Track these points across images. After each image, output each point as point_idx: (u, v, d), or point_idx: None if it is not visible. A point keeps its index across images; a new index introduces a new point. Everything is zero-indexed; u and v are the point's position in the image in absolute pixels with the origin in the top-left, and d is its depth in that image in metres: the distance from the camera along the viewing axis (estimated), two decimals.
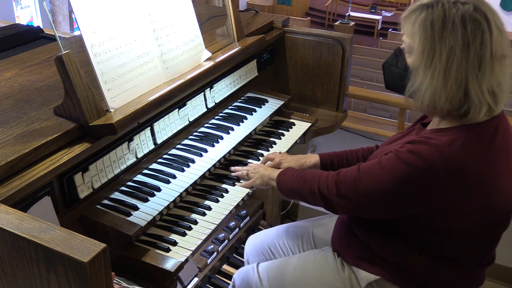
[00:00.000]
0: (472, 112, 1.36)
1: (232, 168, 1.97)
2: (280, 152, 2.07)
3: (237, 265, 2.59)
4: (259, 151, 2.15)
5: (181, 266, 1.54)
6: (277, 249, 2.04)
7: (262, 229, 2.84)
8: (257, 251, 2.09)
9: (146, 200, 1.71)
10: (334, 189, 1.56)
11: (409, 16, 1.41)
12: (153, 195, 1.74)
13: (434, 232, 1.48)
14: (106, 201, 1.70)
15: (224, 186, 1.91)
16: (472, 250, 1.53)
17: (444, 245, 1.50)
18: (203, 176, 1.88)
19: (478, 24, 1.32)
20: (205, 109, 2.14)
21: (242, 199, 1.87)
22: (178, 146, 2.02)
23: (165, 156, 1.95)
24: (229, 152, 2.04)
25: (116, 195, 1.73)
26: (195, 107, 2.07)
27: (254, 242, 2.12)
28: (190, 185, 1.82)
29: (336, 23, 14.02)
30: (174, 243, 1.63)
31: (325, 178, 1.60)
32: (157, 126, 1.87)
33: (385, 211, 1.51)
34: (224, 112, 2.29)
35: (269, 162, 1.99)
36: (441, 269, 1.54)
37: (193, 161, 1.92)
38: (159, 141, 1.88)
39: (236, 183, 1.92)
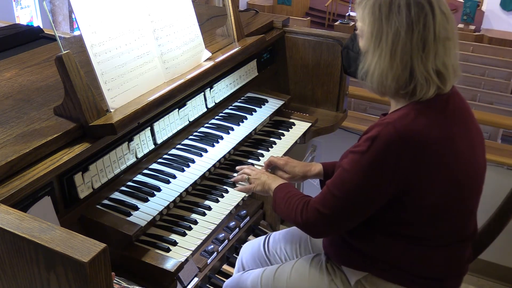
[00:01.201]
0: (418, 90, 1.42)
1: (237, 167, 1.96)
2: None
3: None
4: (259, 151, 2.15)
5: (181, 266, 1.54)
6: (275, 256, 2.01)
7: (262, 229, 2.85)
8: (254, 259, 2.05)
9: (146, 200, 1.71)
10: (317, 218, 1.54)
11: (361, 2, 1.48)
12: (153, 195, 1.74)
13: (407, 211, 1.47)
14: (106, 201, 1.70)
15: (224, 186, 1.91)
16: (449, 225, 1.52)
17: (420, 224, 1.49)
18: (203, 176, 1.88)
19: (422, 8, 1.38)
20: (205, 109, 2.14)
21: (242, 199, 1.87)
22: (178, 146, 2.02)
23: (165, 156, 1.95)
24: (229, 152, 2.04)
25: (116, 195, 1.73)
26: (195, 107, 2.07)
27: (251, 249, 2.08)
28: (190, 185, 1.82)
29: (336, 23, 14.01)
30: (174, 243, 1.63)
31: (305, 212, 1.57)
32: (157, 126, 1.87)
33: (370, 209, 1.49)
34: (224, 112, 2.29)
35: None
36: (424, 253, 1.53)
37: (193, 161, 1.92)
38: (159, 141, 1.88)
39: (234, 188, 1.90)
